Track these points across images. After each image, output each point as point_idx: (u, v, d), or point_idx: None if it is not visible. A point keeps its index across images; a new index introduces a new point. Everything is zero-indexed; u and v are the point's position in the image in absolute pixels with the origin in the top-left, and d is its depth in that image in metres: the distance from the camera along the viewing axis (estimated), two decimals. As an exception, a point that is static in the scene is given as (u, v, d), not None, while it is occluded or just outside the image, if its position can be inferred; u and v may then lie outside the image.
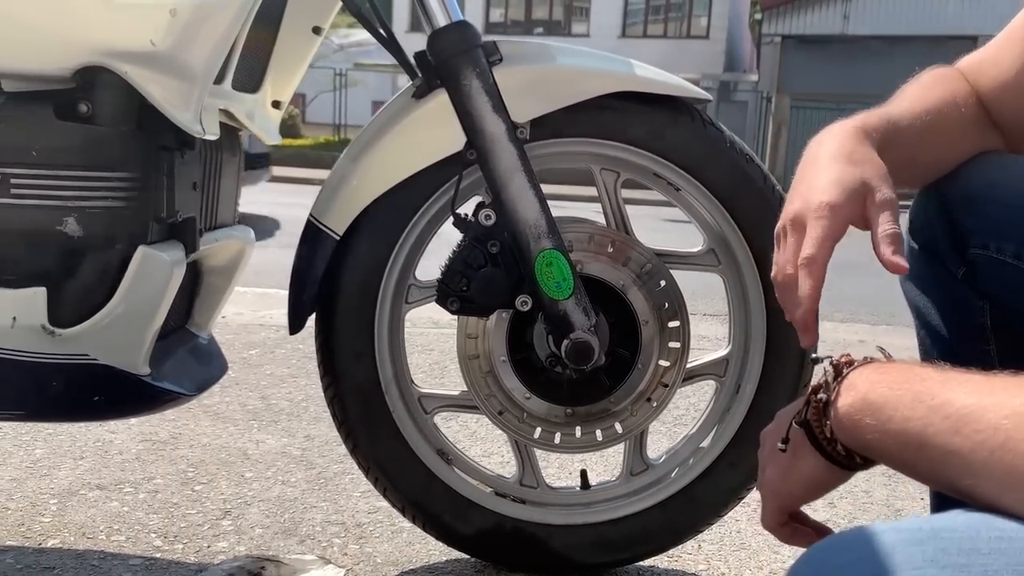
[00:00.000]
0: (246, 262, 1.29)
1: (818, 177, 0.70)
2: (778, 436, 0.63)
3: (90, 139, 0.92)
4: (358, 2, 1.11)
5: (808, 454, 0.59)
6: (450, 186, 1.11)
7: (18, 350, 0.97)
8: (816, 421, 0.58)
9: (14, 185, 0.90)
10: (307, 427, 1.78)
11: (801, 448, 0.60)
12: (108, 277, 0.96)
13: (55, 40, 0.88)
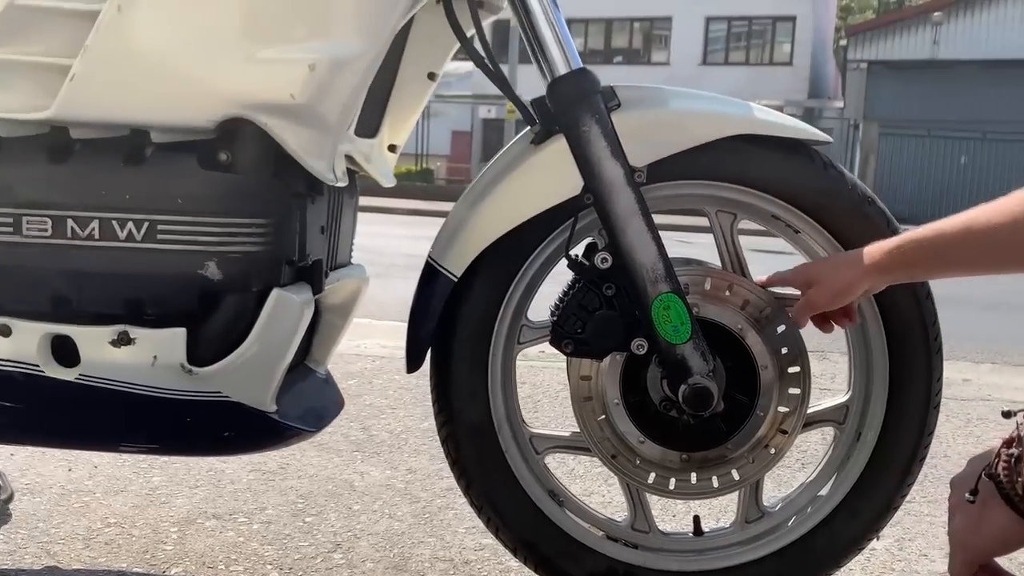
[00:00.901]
0: (362, 300, 1.33)
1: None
2: (967, 486, 0.61)
3: (230, 187, 0.96)
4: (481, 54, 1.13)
5: (998, 508, 0.58)
6: (564, 228, 1.12)
7: (157, 387, 1.01)
8: (1007, 476, 0.57)
9: (160, 231, 0.95)
10: (408, 459, 1.81)
11: (991, 500, 0.58)
12: (244, 318, 1.00)
13: (201, 94, 0.93)
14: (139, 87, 0.92)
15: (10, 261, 0.97)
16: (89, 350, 1.00)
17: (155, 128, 0.95)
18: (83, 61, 0.91)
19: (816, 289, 1.04)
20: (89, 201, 0.95)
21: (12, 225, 0.96)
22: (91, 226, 0.95)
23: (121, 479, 1.60)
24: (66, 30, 0.92)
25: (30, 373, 1.01)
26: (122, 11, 0.90)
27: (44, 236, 0.96)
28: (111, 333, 0.99)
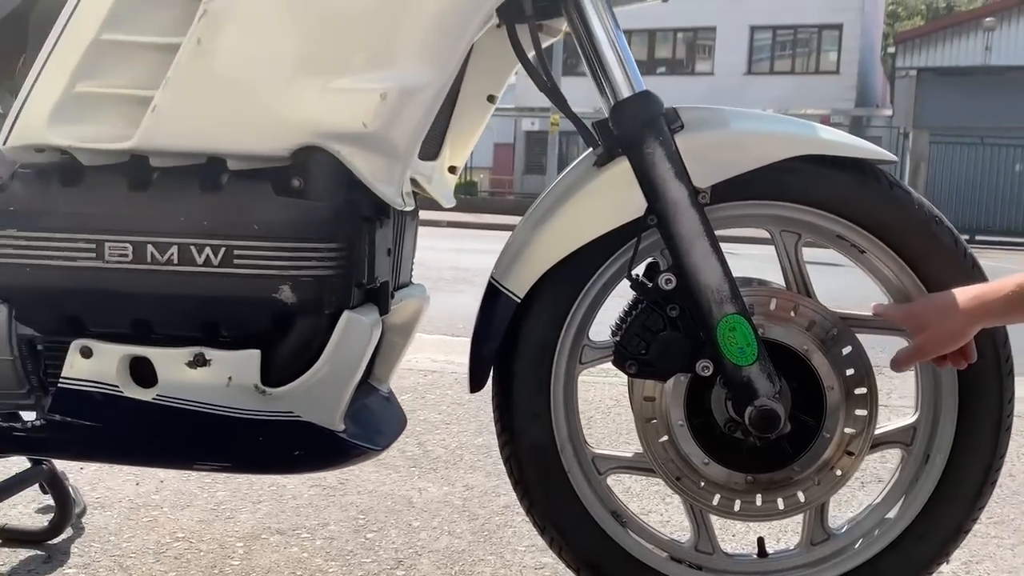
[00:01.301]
0: (423, 319, 1.34)
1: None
2: None
3: (304, 213, 0.99)
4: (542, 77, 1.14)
5: None
6: (626, 249, 1.12)
7: (231, 407, 1.04)
8: None
9: (237, 256, 0.98)
10: (465, 476, 1.82)
11: None
12: (315, 340, 1.02)
13: (276, 123, 0.95)
14: (217, 117, 0.95)
15: (92, 285, 1.00)
16: (166, 371, 1.03)
17: (231, 156, 0.98)
18: (164, 92, 0.94)
19: (927, 337, 1.05)
20: (168, 227, 0.98)
21: (95, 251, 0.99)
22: (170, 251, 0.98)
23: (187, 494, 1.64)
24: (148, 63, 0.96)
25: (110, 393, 1.04)
26: (201, 44, 0.93)
27: (125, 261, 0.99)
28: (187, 355, 1.02)
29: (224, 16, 0.93)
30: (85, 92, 0.96)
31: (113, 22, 0.95)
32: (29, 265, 1.01)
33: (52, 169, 1.01)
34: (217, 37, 0.93)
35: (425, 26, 0.96)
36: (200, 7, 0.92)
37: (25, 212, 1.01)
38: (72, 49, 0.95)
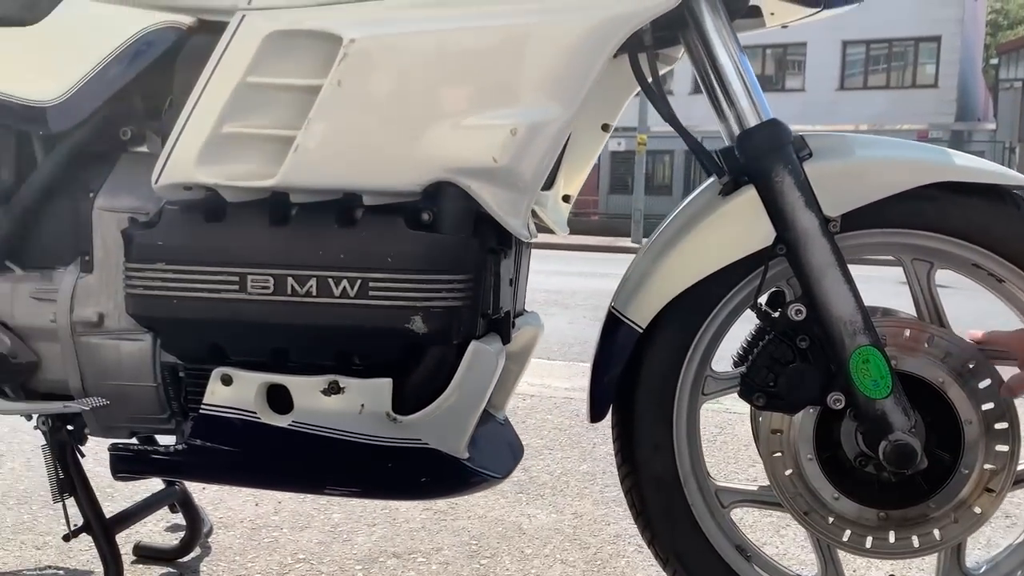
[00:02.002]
0: (537, 346, 1.35)
1: None
2: None
3: (435, 245, 1.01)
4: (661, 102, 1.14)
5: None
6: (751, 279, 1.11)
7: (363, 434, 1.06)
8: None
9: (372, 288, 1.01)
10: (573, 503, 1.81)
11: None
12: (444, 369, 1.04)
13: (411, 160, 0.98)
14: (355, 155, 0.99)
15: (235, 316, 1.05)
16: (302, 398, 1.06)
17: (367, 192, 1.01)
18: (306, 132, 0.98)
19: None
20: (307, 261, 1.02)
21: (238, 283, 1.04)
22: (309, 284, 1.02)
23: (304, 515, 1.68)
24: (291, 104, 1.00)
25: (248, 419, 1.08)
26: (342, 86, 0.97)
27: (266, 293, 1.03)
28: (322, 383, 1.05)
29: (363, 59, 0.97)
30: (231, 133, 1.01)
31: (258, 66, 0.99)
32: (176, 297, 1.06)
33: (197, 206, 1.06)
34: (356, 79, 0.97)
35: (553, 62, 0.98)
36: (340, 51, 0.96)
37: (172, 247, 1.06)
38: (219, 92, 1.00)
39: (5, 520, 1.63)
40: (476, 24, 0.98)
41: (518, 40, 0.98)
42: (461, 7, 0.99)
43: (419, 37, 0.98)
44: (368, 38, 0.97)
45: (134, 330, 1.14)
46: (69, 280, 1.15)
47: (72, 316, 1.15)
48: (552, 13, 0.98)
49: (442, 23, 0.98)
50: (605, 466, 2.08)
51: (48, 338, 1.17)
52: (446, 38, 0.98)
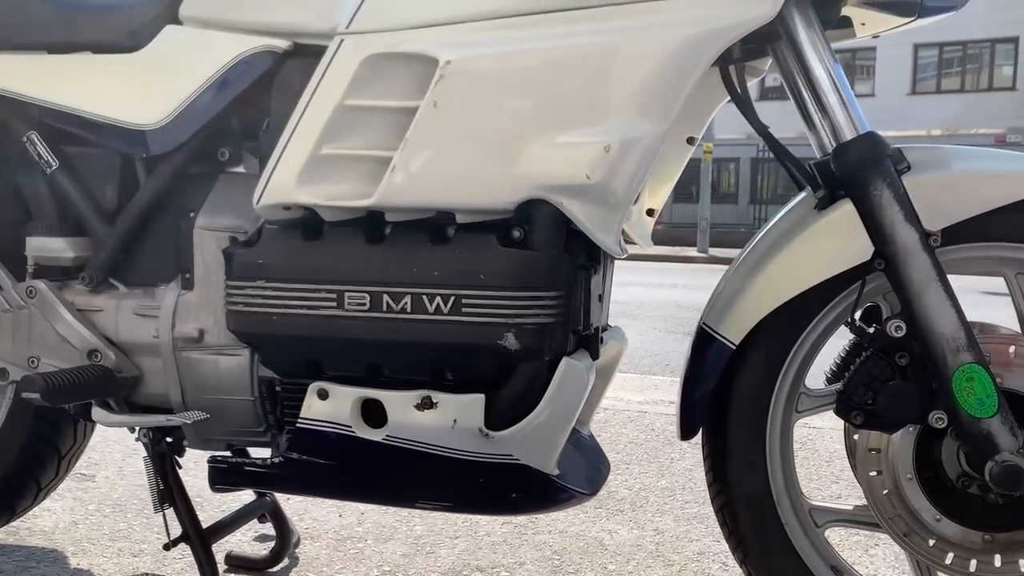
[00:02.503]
0: (622, 361, 1.35)
1: None
2: None
3: (527, 262, 1.02)
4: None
5: None
6: (849, 293, 1.09)
7: (455, 449, 1.08)
8: None
9: (465, 305, 1.02)
10: (654, 519, 1.80)
11: None
12: (537, 386, 1.05)
13: (504, 178, 0.99)
14: (450, 174, 1.00)
15: (332, 332, 1.07)
16: (396, 413, 1.08)
17: (460, 210, 1.02)
18: (402, 153, 1.00)
19: None
20: (402, 278, 1.04)
21: (335, 300, 1.06)
22: (404, 301, 1.04)
23: (387, 527, 1.70)
24: (388, 125, 1.02)
25: (343, 433, 1.10)
26: (438, 106, 0.98)
27: (362, 310, 1.05)
28: (416, 398, 1.07)
29: (458, 80, 0.98)
30: (329, 154, 1.04)
31: (356, 89, 1.02)
32: (275, 313, 1.09)
33: (295, 225, 1.09)
34: (452, 99, 0.98)
35: (647, 78, 0.98)
36: (436, 72, 0.98)
37: (272, 265, 1.09)
38: (318, 115, 1.03)
39: (103, 528, 1.69)
40: (569, 42, 0.99)
41: (611, 57, 0.98)
42: (554, 26, 1.00)
43: (513, 56, 0.99)
44: (463, 59, 0.98)
45: (232, 345, 1.17)
46: (171, 297, 1.20)
47: (174, 332, 1.19)
48: (646, 29, 0.98)
49: (535, 42, 0.99)
50: (684, 482, 2.05)
51: (150, 353, 1.21)
52: (540, 57, 0.99)
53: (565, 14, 1.01)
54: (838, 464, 2.22)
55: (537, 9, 1.01)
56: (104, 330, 1.23)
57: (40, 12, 1.26)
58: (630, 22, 0.99)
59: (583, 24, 0.99)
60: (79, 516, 1.74)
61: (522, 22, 1.01)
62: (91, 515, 1.75)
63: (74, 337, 1.22)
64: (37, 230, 1.26)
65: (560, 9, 1.01)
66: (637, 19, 0.99)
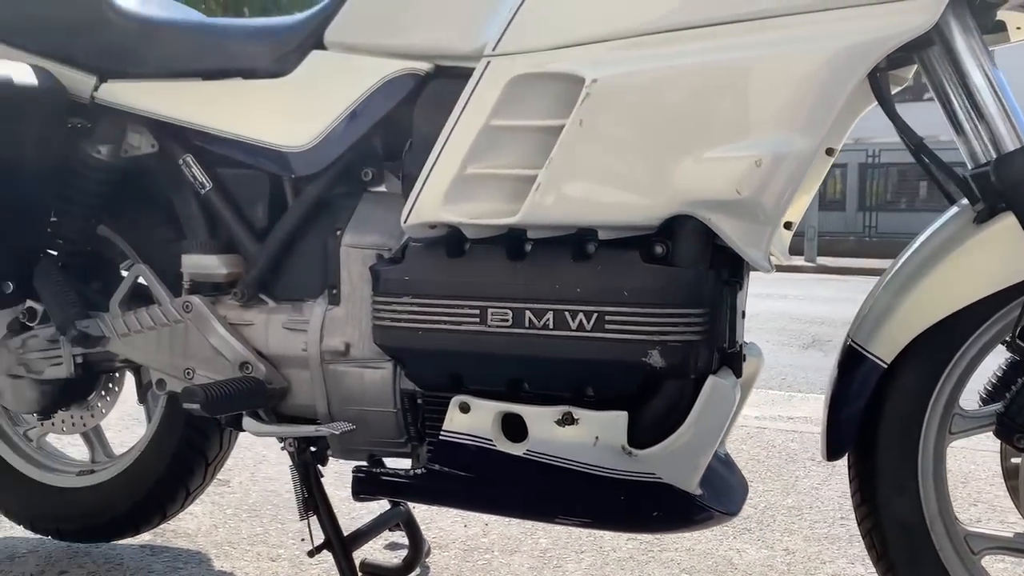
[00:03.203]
0: (758, 378, 1.32)
1: None
2: None
3: (672, 279, 1.01)
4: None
5: None
6: (1009, 311, 1.04)
7: (596, 466, 1.08)
8: None
9: (608, 321, 1.02)
10: (782, 539, 1.75)
11: None
12: (682, 404, 1.04)
13: (651, 195, 0.99)
14: (595, 192, 1.01)
15: (474, 347, 1.09)
16: (536, 428, 1.09)
17: (604, 227, 1.03)
18: (547, 171, 1.01)
19: None
20: (545, 294, 1.05)
21: (478, 316, 1.08)
22: (546, 317, 1.05)
23: (512, 539, 1.72)
24: (532, 144, 1.03)
25: (484, 447, 1.12)
26: (583, 125, 0.99)
27: (505, 325, 1.07)
28: (557, 413, 1.08)
29: (604, 98, 0.99)
30: (475, 173, 1.06)
31: (502, 109, 1.04)
32: (420, 328, 1.11)
33: (439, 242, 1.12)
34: (598, 117, 0.99)
35: (799, 91, 0.96)
36: (582, 91, 0.99)
37: (417, 281, 1.12)
38: (465, 135, 1.05)
39: (241, 532, 1.76)
40: (718, 57, 0.98)
41: (762, 70, 0.96)
42: (700, 41, 0.99)
43: (660, 73, 0.99)
44: (609, 77, 0.99)
45: (376, 359, 1.21)
46: (319, 312, 1.24)
47: (321, 345, 1.23)
48: (798, 42, 0.96)
49: (683, 58, 0.99)
50: (811, 501, 1.99)
51: (298, 365, 1.26)
52: (688, 73, 0.98)
53: (711, 29, 1.00)
54: (975, 486, 2.12)
55: (683, 25, 1.00)
56: (255, 343, 1.28)
57: (195, 41, 1.33)
58: (781, 34, 0.97)
59: (731, 38, 0.98)
60: (218, 520, 1.82)
61: (667, 39, 1.01)
62: (229, 519, 1.83)
63: (227, 350, 1.28)
64: (192, 248, 1.33)
65: (706, 24, 1.00)
66: (789, 31, 0.97)
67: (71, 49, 1.36)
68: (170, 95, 1.32)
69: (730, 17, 0.99)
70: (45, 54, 1.36)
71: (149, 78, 1.33)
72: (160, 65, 1.33)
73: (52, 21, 1.37)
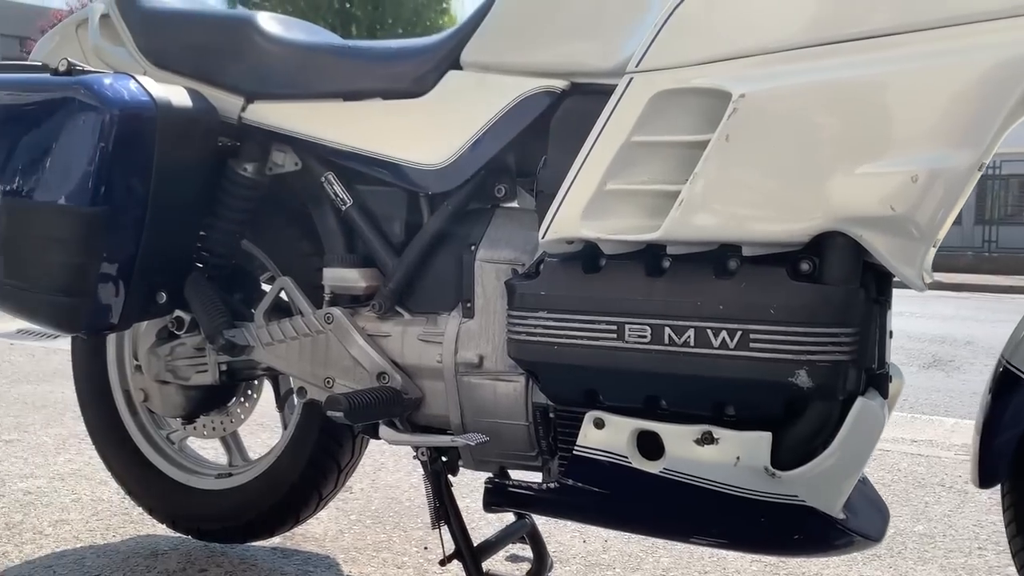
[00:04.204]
0: (899, 400, 1.28)
1: None
2: None
3: (820, 296, 0.99)
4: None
5: None
6: None
7: (736, 486, 1.06)
8: None
9: (753, 340, 1.01)
10: (915, 568, 1.68)
11: None
12: (828, 426, 1.01)
13: (799, 211, 0.97)
14: (740, 207, 0.99)
15: (611, 364, 1.09)
16: (674, 446, 1.08)
17: (748, 243, 1.01)
18: (691, 187, 1.00)
19: None
20: (685, 311, 1.04)
21: (615, 332, 1.08)
22: (687, 334, 1.04)
23: (632, 556, 1.70)
24: (675, 160, 1.03)
25: (619, 464, 1.12)
26: (730, 140, 0.98)
27: (643, 342, 1.06)
28: (695, 432, 1.06)
29: (752, 113, 0.97)
30: (614, 190, 1.06)
31: (644, 125, 1.04)
32: (556, 343, 1.12)
33: (575, 257, 1.12)
34: (745, 132, 0.98)
35: (959, 105, 0.93)
36: (729, 106, 0.98)
37: (553, 296, 1.13)
38: (606, 151, 1.06)
39: (366, 538, 1.80)
40: (871, 71, 0.95)
41: (920, 83, 0.94)
42: (852, 54, 0.97)
43: (810, 87, 0.97)
44: (757, 92, 0.98)
45: (509, 372, 1.22)
46: (453, 324, 1.27)
47: (456, 357, 1.25)
48: (956, 54, 0.93)
49: (833, 72, 0.97)
50: (943, 528, 1.90)
51: (433, 376, 1.29)
52: (839, 86, 0.96)
53: (862, 43, 0.97)
54: None
55: (831, 39, 0.98)
56: (391, 354, 1.32)
57: (336, 63, 1.39)
58: (937, 47, 0.94)
59: (883, 51, 0.96)
60: (344, 526, 1.87)
61: (815, 53, 0.99)
62: (353, 525, 1.88)
63: (365, 360, 1.32)
64: (332, 261, 1.38)
65: (857, 38, 0.97)
66: (945, 43, 0.94)
67: (221, 72, 1.43)
68: (313, 115, 1.38)
69: (882, 30, 0.96)
70: (198, 77, 1.44)
71: (293, 99, 1.39)
72: (304, 87, 1.39)
73: (205, 47, 1.45)
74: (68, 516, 1.89)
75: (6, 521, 1.85)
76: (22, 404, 2.94)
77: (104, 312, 1.33)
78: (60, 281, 1.29)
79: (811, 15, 1.00)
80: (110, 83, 1.29)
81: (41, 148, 1.31)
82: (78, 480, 2.13)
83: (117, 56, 1.53)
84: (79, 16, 1.64)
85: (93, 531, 1.81)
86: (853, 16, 0.98)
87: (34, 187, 1.31)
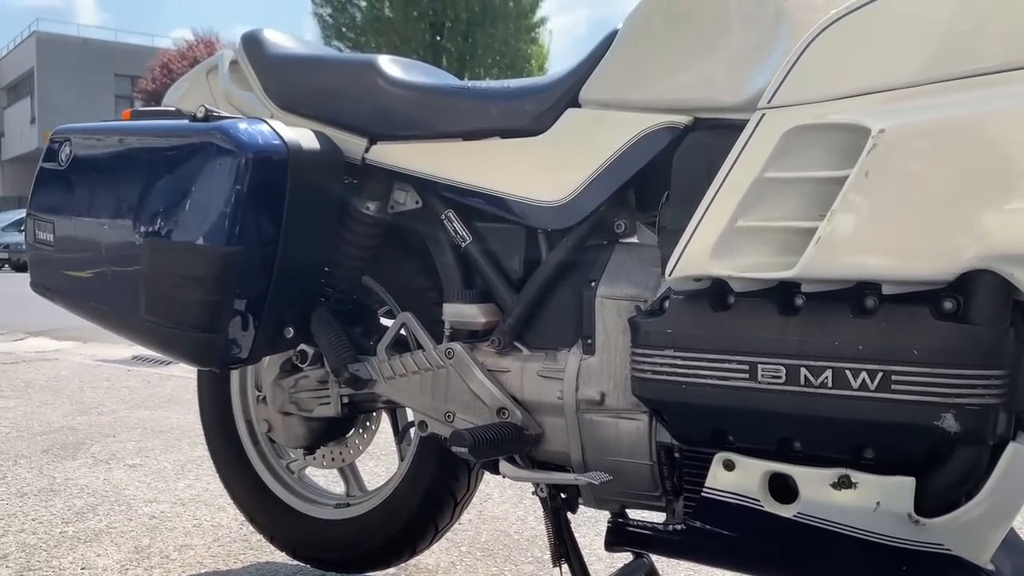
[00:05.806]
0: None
1: None
2: None
3: (967, 337, 0.95)
4: None
5: None
6: None
7: (875, 533, 1.02)
8: None
9: (895, 381, 0.97)
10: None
11: None
12: (977, 472, 0.97)
13: (944, 249, 0.93)
14: (882, 245, 0.96)
15: (742, 404, 1.07)
16: (809, 490, 1.05)
17: (889, 281, 0.98)
18: (829, 224, 0.98)
19: None
20: (822, 351, 1.01)
21: (747, 372, 1.06)
22: (824, 375, 1.01)
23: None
24: (810, 196, 1.01)
25: (750, 507, 1.09)
26: (869, 176, 0.96)
27: (777, 383, 1.04)
28: (832, 476, 1.03)
29: (893, 148, 0.95)
30: (745, 227, 1.05)
31: (777, 161, 1.02)
32: (683, 382, 1.11)
33: (702, 295, 1.11)
34: (886, 168, 0.95)
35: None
36: (868, 141, 0.95)
37: (680, 334, 1.11)
38: (736, 188, 1.04)
39: (477, 571, 1.81)
40: (1019, 103, 0.92)
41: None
42: (995, 87, 0.94)
43: (954, 121, 0.94)
44: (898, 127, 0.95)
45: (632, 410, 1.21)
46: (574, 361, 1.27)
47: (577, 394, 1.25)
48: (1115, 84, 0.88)
49: (977, 105, 0.93)
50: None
51: (553, 413, 1.29)
52: (985, 120, 0.92)
53: (1004, 75, 0.94)
54: None
55: (971, 72, 0.95)
56: (511, 389, 1.33)
57: (456, 104, 1.42)
58: (1093, 76, 0.90)
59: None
60: (455, 557, 1.88)
61: (955, 86, 0.96)
62: (464, 557, 1.89)
63: (486, 395, 1.33)
64: (452, 297, 1.41)
65: (999, 71, 0.94)
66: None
67: (345, 114, 1.49)
68: (434, 155, 1.41)
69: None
70: (323, 120, 1.50)
71: (415, 139, 1.43)
72: (425, 127, 1.42)
73: (329, 90, 1.51)
74: (191, 541, 1.96)
75: (135, 544, 1.93)
76: (142, 429, 3.08)
77: (236, 347, 1.39)
78: (197, 318, 1.35)
79: (950, 48, 0.97)
80: (245, 128, 1.36)
81: (180, 190, 1.38)
82: (198, 506, 2.21)
83: (246, 100, 1.60)
84: (209, 63, 1.73)
85: (216, 557, 1.87)
86: (995, 49, 0.94)
87: (173, 227, 1.38)
